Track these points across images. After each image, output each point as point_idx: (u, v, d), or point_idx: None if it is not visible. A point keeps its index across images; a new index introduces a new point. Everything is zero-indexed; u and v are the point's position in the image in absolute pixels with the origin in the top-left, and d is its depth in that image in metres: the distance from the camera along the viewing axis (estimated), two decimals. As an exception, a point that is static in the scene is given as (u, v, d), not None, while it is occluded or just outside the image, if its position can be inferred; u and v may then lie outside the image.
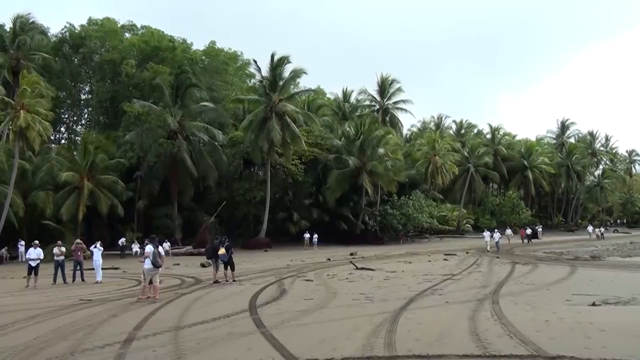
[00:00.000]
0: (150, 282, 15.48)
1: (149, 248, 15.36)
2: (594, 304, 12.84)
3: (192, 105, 50.32)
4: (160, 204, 49.60)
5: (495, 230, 45.28)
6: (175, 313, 12.64)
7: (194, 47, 62.62)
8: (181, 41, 60.98)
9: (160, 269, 15.43)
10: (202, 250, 32.11)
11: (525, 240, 52.23)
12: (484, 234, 43.85)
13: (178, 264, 31.71)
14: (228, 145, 52.43)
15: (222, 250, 19.52)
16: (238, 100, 54.94)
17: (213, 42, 64.01)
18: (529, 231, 55.06)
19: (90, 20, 59.72)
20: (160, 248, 15.71)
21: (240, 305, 13.64)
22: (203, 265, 27.95)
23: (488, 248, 39.83)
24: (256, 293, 16.25)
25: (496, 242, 40.14)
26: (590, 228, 66.71)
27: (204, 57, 62.10)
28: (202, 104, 50.96)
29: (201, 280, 20.90)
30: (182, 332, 10.29)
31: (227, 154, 51.77)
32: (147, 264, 15.26)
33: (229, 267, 19.82)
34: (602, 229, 65.09)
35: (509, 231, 55.83)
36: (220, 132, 50.94)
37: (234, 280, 19.77)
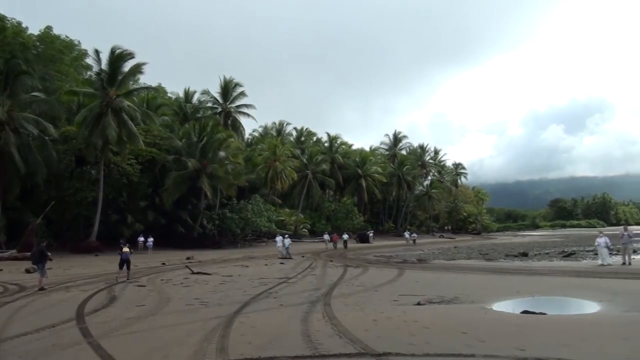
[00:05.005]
0: None
1: None
2: (419, 304, 13.98)
3: (22, 95, 46.05)
4: (-18, 203, 45.03)
5: (286, 236, 45.07)
6: (-7, 323, 11.73)
7: (28, 32, 57.41)
8: (15, 23, 55.66)
9: None
10: (28, 254, 29.61)
11: (340, 245, 54.22)
12: (276, 239, 43.00)
13: (1, 270, 29.02)
14: (60, 141, 48.91)
15: (126, 249, 21.51)
16: (73, 93, 51.55)
17: (49, 28, 59.04)
18: (345, 236, 57.58)
19: None
20: None
21: (67, 313, 13.00)
22: (28, 271, 25.85)
23: (280, 256, 38.44)
24: (84, 300, 15.55)
25: (286, 248, 38.99)
26: (406, 234, 73.05)
27: (38, 43, 57.13)
28: (33, 94, 46.93)
29: (26, 288, 19.42)
30: (3, 345, 9.64)
31: (58, 150, 48.11)
32: None
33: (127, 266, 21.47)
34: (415, 235, 72.34)
35: (326, 236, 58.39)
36: (51, 125, 47.20)
37: (127, 279, 20.74)
